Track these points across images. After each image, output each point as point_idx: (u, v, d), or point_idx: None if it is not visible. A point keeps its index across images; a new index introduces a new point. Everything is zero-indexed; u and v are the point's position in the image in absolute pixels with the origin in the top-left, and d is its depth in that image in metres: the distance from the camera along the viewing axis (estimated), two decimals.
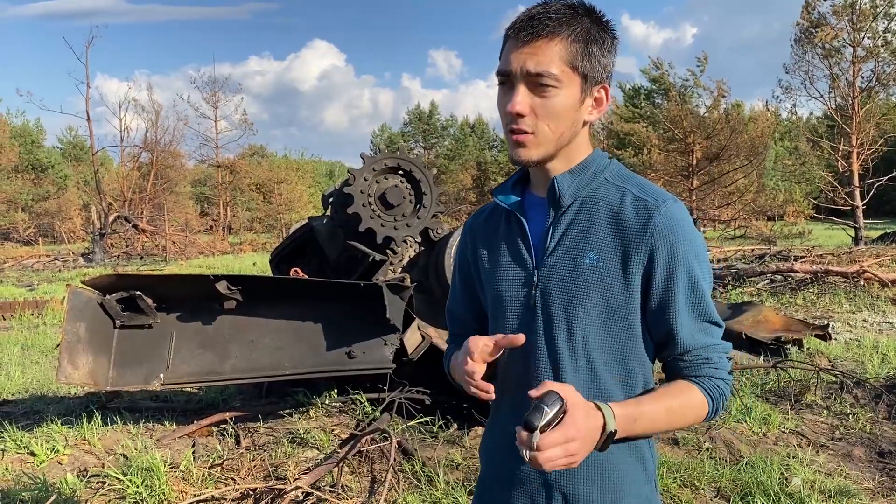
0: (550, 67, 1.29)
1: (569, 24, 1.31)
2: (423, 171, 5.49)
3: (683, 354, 1.36)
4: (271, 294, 4.55)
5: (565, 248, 1.36)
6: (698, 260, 1.36)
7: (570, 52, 1.31)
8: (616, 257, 1.33)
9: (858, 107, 25.17)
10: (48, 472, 4.25)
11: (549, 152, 1.36)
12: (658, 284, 1.33)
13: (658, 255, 1.32)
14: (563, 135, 1.35)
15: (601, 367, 1.35)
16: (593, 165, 1.41)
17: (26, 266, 24.82)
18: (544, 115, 1.32)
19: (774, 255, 15.95)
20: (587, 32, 1.32)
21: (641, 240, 1.32)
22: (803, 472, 4.10)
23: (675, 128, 28.61)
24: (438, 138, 61.71)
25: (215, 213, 46.97)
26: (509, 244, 1.45)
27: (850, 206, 25.24)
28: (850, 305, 10.42)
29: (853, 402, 5.54)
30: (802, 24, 25.52)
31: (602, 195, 1.38)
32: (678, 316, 1.34)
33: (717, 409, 1.38)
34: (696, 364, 1.36)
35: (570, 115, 1.34)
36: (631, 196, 1.36)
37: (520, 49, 1.31)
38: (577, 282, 1.34)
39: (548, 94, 1.31)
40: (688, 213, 1.39)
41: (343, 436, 4.72)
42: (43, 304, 11.91)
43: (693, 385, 1.36)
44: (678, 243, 1.33)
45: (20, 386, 6.79)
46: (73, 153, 57.61)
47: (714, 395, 1.36)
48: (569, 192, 1.38)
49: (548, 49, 1.30)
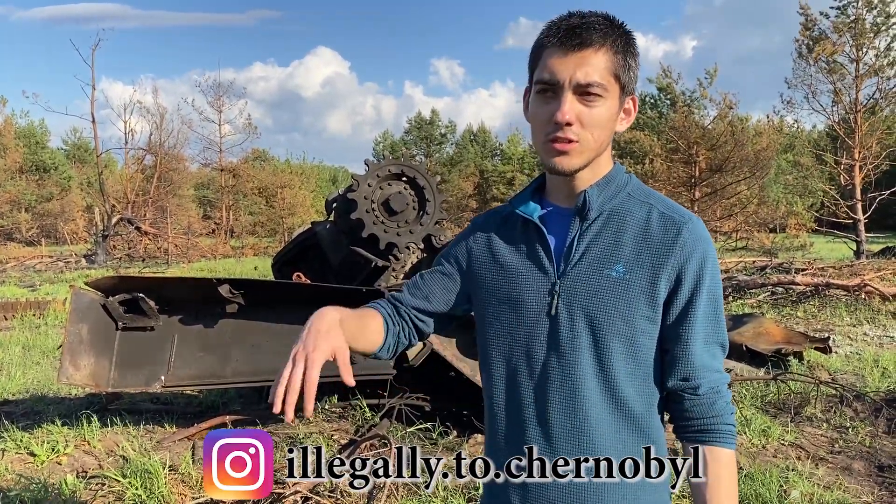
0: (599, 77, 1.32)
1: (611, 35, 1.34)
2: (426, 178, 5.51)
3: (697, 386, 1.37)
4: (273, 298, 4.57)
5: (591, 259, 1.37)
6: (718, 279, 1.40)
7: (614, 62, 1.33)
8: (643, 271, 1.35)
9: (861, 121, 25.19)
10: (48, 472, 4.26)
11: (588, 161, 1.37)
12: (682, 298, 1.36)
13: (686, 271, 1.35)
14: (602, 144, 1.38)
15: (623, 377, 1.36)
16: (616, 179, 1.43)
17: (29, 266, 24.86)
18: (590, 123, 1.33)
19: (776, 268, 15.93)
20: (625, 44, 1.36)
21: (671, 255, 1.34)
22: (802, 485, 4.10)
23: (680, 138, 28.64)
24: (439, 145, 61.77)
25: (218, 216, 47.02)
26: (529, 251, 1.44)
27: (852, 220, 25.21)
28: (850, 319, 10.42)
29: (853, 415, 5.53)
30: (802, 40, 25.54)
31: (628, 209, 1.40)
32: (694, 331, 1.37)
33: (735, 439, 1.41)
34: (711, 402, 1.38)
35: (611, 124, 1.37)
36: (657, 212, 1.38)
37: (566, 58, 1.32)
38: (604, 293, 1.35)
39: (595, 104, 1.33)
40: (709, 233, 1.42)
41: (342, 441, 4.72)
42: (45, 305, 11.91)
43: (715, 448, 1.37)
44: (705, 260, 1.36)
45: (21, 386, 6.80)
46: (78, 155, 57.72)
47: (732, 435, 1.39)
48: (596, 205, 1.40)
49: (595, 59, 1.32)
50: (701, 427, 1.38)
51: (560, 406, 1.37)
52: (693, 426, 1.39)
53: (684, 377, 1.38)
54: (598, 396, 1.36)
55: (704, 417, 1.38)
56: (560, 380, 1.37)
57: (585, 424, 1.36)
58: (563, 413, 1.36)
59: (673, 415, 1.43)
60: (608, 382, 1.36)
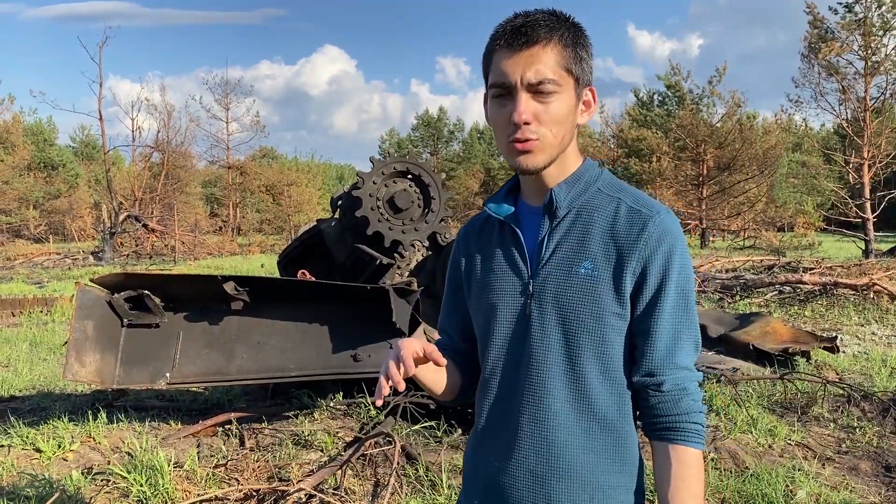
0: (550, 73, 1.31)
1: (558, 30, 1.33)
2: (431, 176, 5.50)
3: (661, 383, 1.35)
4: (278, 296, 4.57)
5: (560, 258, 1.37)
6: (688, 273, 1.37)
7: (563, 56, 1.33)
8: (610, 266, 1.34)
9: (870, 119, 25.05)
10: (53, 468, 4.27)
11: (552, 157, 1.37)
12: (647, 292, 1.34)
13: (651, 265, 1.33)
14: (564, 138, 1.37)
15: (594, 376, 1.35)
16: (586, 175, 1.42)
17: (36, 263, 24.98)
18: (547, 120, 1.33)
19: (783, 267, 15.86)
20: (574, 36, 1.35)
21: (635, 249, 1.33)
22: (809, 485, 4.08)
23: (688, 136, 28.55)
24: (446, 143, 61.75)
25: (225, 214, 47.17)
26: (504, 253, 1.45)
27: (861, 219, 25.08)
28: (858, 318, 10.36)
29: (860, 415, 5.50)
30: (810, 38, 25.39)
31: (596, 205, 1.39)
32: (661, 324, 1.34)
33: (703, 439, 1.37)
34: (676, 399, 1.35)
35: (570, 118, 1.36)
36: (626, 206, 1.37)
37: (515, 58, 1.32)
38: (572, 290, 1.35)
39: (549, 100, 1.32)
40: (680, 226, 1.40)
41: (347, 439, 4.72)
42: (52, 302, 11.97)
43: (680, 447, 1.35)
44: (672, 254, 1.34)
45: (28, 382, 6.83)
46: (85, 152, 57.96)
47: (699, 435, 1.36)
48: (565, 203, 1.39)
49: (544, 55, 1.31)
50: (666, 425, 1.36)
51: (528, 405, 1.37)
52: (659, 423, 1.37)
53: (648, 373, 1.36)
54: (567, 396, 1.35)
55: (669, 415, 1.35)
56: (530, 380, 1.37)
57: (551, 424, 1.35)
58: (530, 413, 1.37)
59: (641, 411, 1.41)
60: (578, 382, 1.35)
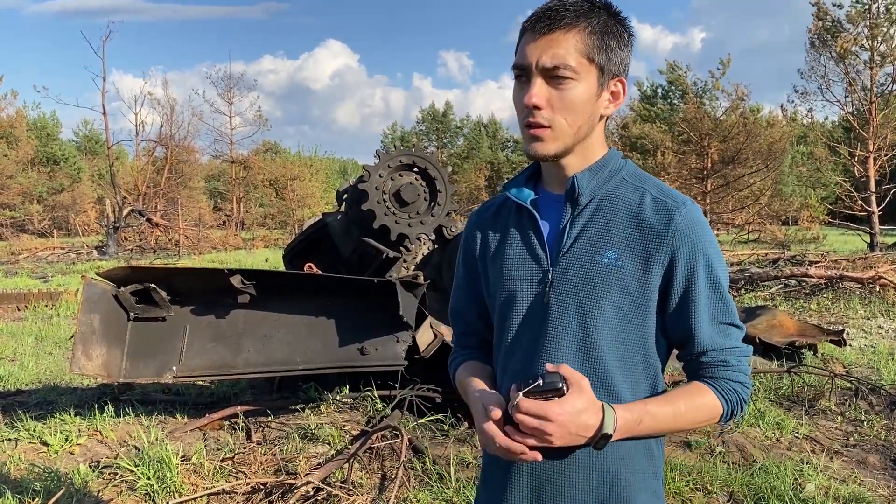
0: (567, 59, 1.28)
1: (586, 17, 1.30)
2: (438, 169, 5.48)
3: (701, 355, 1.36)
4: (285, 289, 4.56)
5: (583, 246, 1.35)
6: (719, 261, 1.35)
7: (586, 43, 1.30)
8: (635, 257, 1.32)
9: (876, 112, 24.93)
10: (60, 462, 4.27)
11: (566, 146, 1.34)
12: (679, 285, 1.33)
13: (680, 256, 1.31)
14: (581, 128, 1.34)
15: (612, 366, 1.33)
16: (610, 164, 1.40)
17: (41, 258, 25.03)
18: (561, 107, 1.30)
19: (789, 260, 15.82)
20: (604, 25, 1.32)
21: (663, 240, 1.31)
22: (817, 479, 4.06)
23: (691, 130, 28.46)
24: (452, 137, 61.69)
25: (228, 208, 47.27)
26: (523, 240, 1.42)
27: (866, 212, 24.99)
28: (865, 311, 10.33)
29: (868, 408, 5.49)
30: (816, 29, 25.25)
31: (620, 194, 1.37)
32: (698, 316, 1.33)
33: (734, 411, 1.36)
34: (713, 366, 1.35)
35: (587, 107, 1.33)
36: (651, 197, 1.35)
37: (536, 42, 1.30)
38: (594, 280, 1.33)
39: (564, 87, 1.30)
40: (704, 216, 1.38)
41: (354, 432, 4.72)
42: (57, 296, 11.99)
43: (706, 386, 1.35)
44: (700, 244, 1.32)
45: (34, 376, 6.84)
46: (89, 146, 57.96)
47: (729, 398, 1.35)
48: (587, 190, 1.37)
49: (564, 41, 1.29)
50: (709, 374, 1.37)
51: None
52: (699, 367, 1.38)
53: (697, 356, 1.36)
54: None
55: (714, 377, 1.36)
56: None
57: None
58: None
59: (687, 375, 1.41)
60: (595, 371, 1.33)
